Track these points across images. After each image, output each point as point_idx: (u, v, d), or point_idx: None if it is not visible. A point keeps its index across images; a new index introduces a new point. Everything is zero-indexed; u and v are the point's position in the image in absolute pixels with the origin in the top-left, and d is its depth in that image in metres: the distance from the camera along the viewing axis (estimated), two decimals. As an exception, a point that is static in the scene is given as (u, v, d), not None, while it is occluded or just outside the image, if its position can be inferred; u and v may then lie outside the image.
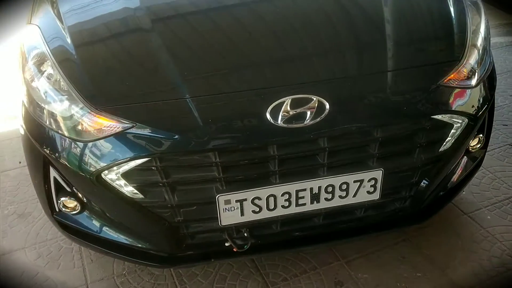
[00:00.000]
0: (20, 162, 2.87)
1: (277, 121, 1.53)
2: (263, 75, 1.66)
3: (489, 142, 2.09)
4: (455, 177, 1.96)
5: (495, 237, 2.19)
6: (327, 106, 1.55)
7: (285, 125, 1.53)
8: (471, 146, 1.95)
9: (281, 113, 1.53)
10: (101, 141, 1.55)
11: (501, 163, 2.61)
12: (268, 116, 1.52)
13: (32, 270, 2.16)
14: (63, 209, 1.78)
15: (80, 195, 1.74)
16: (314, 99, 1.54)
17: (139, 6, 1.78)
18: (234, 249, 1.73)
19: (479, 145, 1.98)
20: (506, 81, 3.29)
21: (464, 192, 2.42)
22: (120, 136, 1.53)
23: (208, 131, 1.53)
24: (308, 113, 1.54)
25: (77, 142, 1.58)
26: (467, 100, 1.73)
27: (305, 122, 1.54)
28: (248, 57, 1.68)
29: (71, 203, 1.76)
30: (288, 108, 1.53)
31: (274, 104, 1.53)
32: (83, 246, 1.95)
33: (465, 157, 1.98)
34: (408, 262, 2.11)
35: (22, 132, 1.81)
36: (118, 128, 1.52)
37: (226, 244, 1.74)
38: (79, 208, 1.77)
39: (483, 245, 2.17)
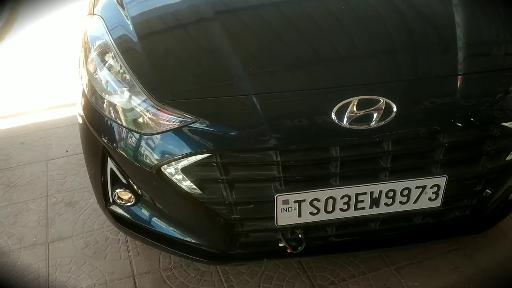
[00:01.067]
0: (67, 151, 2.91)
1: (342, 121, 1.49)
2: (330, 74, 1.63)
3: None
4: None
5: (552, 252, 2.11)
6: (395, 108, 1.50)
7: (350, 126, 1.49)
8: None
9: (347, 114, 1.49)
10: (163, 135, 1.54)
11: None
12: (333, 116, 1.49)
13: (80, 259, 2.18)
14: (118, 200, 1.77)
15: (135, 187, 1.74)
16: (382, 100, 1.50)
17: None
18: (288, 250, 1.70)
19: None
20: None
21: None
22: (182, 131, 1.52)
23: (271, 129, 1.50)
24: (375, 115, 1.49)
25: (138, 135, 1.57)
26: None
27: (371, 124, 1.50)
28: (315, 55, 1.65)
29: (125, 195, 1.76)
30: (355, 109, 1.49)
31: (340, 104, 1.49)
32: (135, 238, 1.96)
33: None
34: (461, 272, 2.05)
35: (80, 121, 1.81)
36: (180, 122, 1.51)
37: (280, 245, 1.71)
38: (134, 200, 1.76)
39: (540, 259, 2.09)
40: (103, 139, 1.66)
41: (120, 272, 2.11)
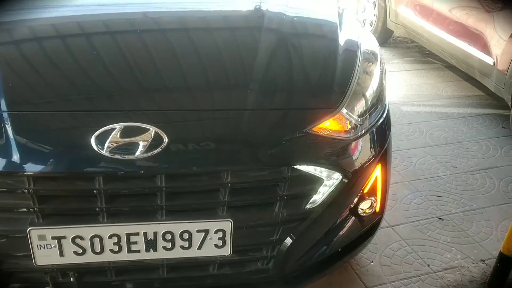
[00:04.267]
0: None
1: (103, 149, 1.33)
2: (96, 96, 1.48)
3: (385, 208, 1.86)
4: (336, 241, 1.71)
5: (392, 318, 1.93)
6: (165, 139, 1.35)
7: (111, 156, 1.33)
8: (361, 209, 1.72)
9: (108, 141, 1.33)
10: None
11: (422, 236, 2.37)
12: (93, 142, 1.33)
13: None
14: None
15: None
16: (151, 129, 1.35)
17: None
18: (55, 296, 1.49)
19: (371, 209, 1.74)
20: (453, 152, 3.10)
21: (372, 263, 2.18)
22: None
23: (22, 151, 1.33)
24: (141, 144, 1.34)
25: None
26: (343, 154, 1.53)
27: (136, 155, 1.34)
28: (85, 76, 1.51)
29: None
30: (118, 137, 1.34)
31: (101, 130, 1.34)
32: None
33: (351, 219, 1.74)
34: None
35: None
36: None
37: (47, 289, 1.50)
38: None
39: (377, 325, 1.90)
40: None
41: None
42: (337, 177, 1.51)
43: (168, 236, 1.43)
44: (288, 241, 1.55)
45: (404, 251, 2.27)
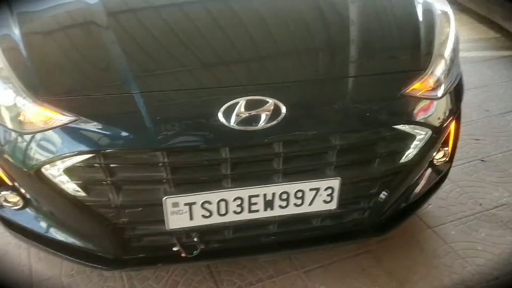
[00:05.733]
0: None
1: (230, 122, 1.45)
2: (218, 73, 1.59)
3: (454, 156, 2.04)
4: (417, 190, 1.90)
5: (457, 253, 2.14)
6: (283, 109, 1.48)
7: (238, 127, 1.46)
8: (435, 159, 1.90)
9: (234, 114, 1.45)
10: (43, 133, 1.46)
11: (470, 178, 2.56)
12: (220, 116, 1.45)
13: (-24, 266, 2.06)
14: (5, 203, 1.68)
15: (22, 190, 1.65)
16: (270, 101, 1.47)
17: None
18: (183, 255, 1.65)
19: (444, 158, 1.92)
20: (481, 95, 3.26)
21: (430, 205, 2.38)
22: (62, 130, 1.44)
23: (157, 129, 1.45)
24: (263, 116, 1.47)
25: (17, 134, 1.49)
26: (432, 111, 1.68)
27: (259, 125, 1.47)
28: (204, 54, 1.60)
29: (13, 198, 1.67)
30: (242, 110, 1.46)
31: (227, 104, 1.46)
32: (26, 243, 1.86)
33: (429, 169, 1.92)
34: (368, 275, 2.05)
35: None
36: (60, 121, 1.44)
37: (174, 249, 1.66)
38: (22, 203, 1.67)
39: (445, 260, 2.12)
40: None
41: (17, 280, 2.00)
42: (427, 133, 1.66)
43: (284, 196, 1.59)
44: (383, 193, 1.72)
45: (456, 193, 2.47)
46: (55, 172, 1.48)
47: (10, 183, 1.65)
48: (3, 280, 1.99)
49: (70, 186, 1.50)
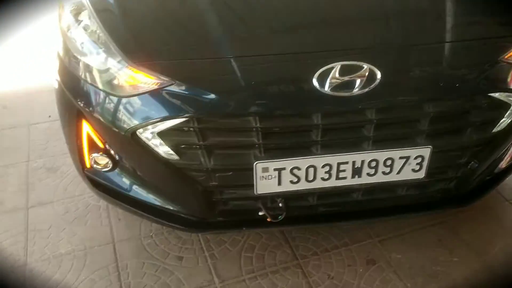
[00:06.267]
0: (49, 116, 2.85)
1: (324, 88, 1.43)
2: (313, 38, 1.56)
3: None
4: (503, 163, 1.84)
5: (537, 226, 2.09)
6: (379, 75, 1.44)
7: (332, 93, 1.43)
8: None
9: (329, 80, 1.43)
10: (138, 97, 1.48)
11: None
12: (315, 82, 1.43)
13: (60, 225, 2.15)
14: (95, 165, 1.73)
15: (112, 152, 1.69)
16: (365, 67, 1.44)
17: None
18: (268, 219, 1.67)
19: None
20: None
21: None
22: (158, 94, 1.46)
23: (250, 94, 1.45)
24: (358, 81, 1.44)
25: (113, 97, 1.52)
26: (528, 79, 1.60)
27: (354, 91, 1.44)
28: (298, 18, 1.58)
29: (102, 159, 1.71)
30: (337, 75, 1.43)
31: (322, 69, 1.43)
32: (112, 204, 1.92)
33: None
34: (445, 246, 2.03)
35: (56, 85, 1.75)
36: (156, 85, 1.45)
37: (260, 213, 1.67)
38: (111, 165, 1.72)
39: (525, 234, 2.07)
40: (78, 102, 1.60)
41: (100, 239, 2.08)
42: (521, 101, 1.60)
43: (373, 164, 1.57)
44: (472, 163, 1.68)
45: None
46: (149, 135, 1.50)
47: (101, 146, 1.69)
48: (89, 237, 2.07)
49: (163, 149, 1.52)
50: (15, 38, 3.70)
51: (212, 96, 1.45)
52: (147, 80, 1.46)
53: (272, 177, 1.55)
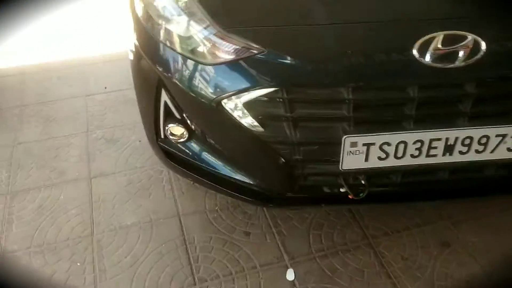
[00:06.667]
0: (106, 88, 2.82)
1: (425, 58, 1.35)
2: (413, 5, 1.46)
3: None
4: None
5: None
6: (483, 46, 1.35)
7: (433, 64, 1.35)
8: None
9: (430, 50, 1.34)
10: (226, 65, 1.42)
11: None
12: (415, 52, 1.34)
13: (124, 196, 2.13)
14: (170, 136, 1.68)
15: (189, 122, 1.64)
16: (470, 37, 1.35)
17: None
18: (350, 196, 1.60)
19: None
20: None
21: None
22: (247, 62, 1.40)
23: (345, 63, 1.37)
24: (461, 52, 1.35)
25: (198, 65, 1.46)
26: None
27: (456, 63, 1.35)
28: None
29: (178, 130, 1.67)
30: (439, 45, 1.34)
31: (423, 39, 1.34)
32: (185, 176, 1.88)
33: None
34: (524, 231, 1.94)
35: (132, 54, 1.70)
36: (246, 52, 1.39)
37: (341, 190, 1.61)
38: (186, 136, 1.67)
39: None
40: (158, 68, 1.55)
41: (165, 212, 2.05)
42: None
43: (467, 141, 1.48)
44: None
45: None
46: (234, 105, 1.45)
47: (177, 115, 1.64)
48: (154, 209, 2.05)
49: (247, 120, 1.46)
50: (64, 9, 3.68)
51: (305, 65, 1.38)
52: (236, 48, 1.39)
53: (360, 152, 1.48)
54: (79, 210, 2.06)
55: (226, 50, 1.41)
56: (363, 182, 1.59)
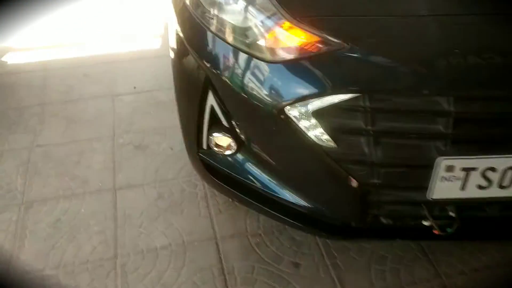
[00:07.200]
0: (135, 88, 2.56)
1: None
2: None
3: None
4: None
5: None
6: None
7: None
8: None
9: None
10: (294, 63, 1.14)
11: None
12: None
13: (153, 212, 1.85)
14: (215, 148, 1.40)
15: (238, 132, 1.36)
16: None
17: None
18: (435, 231, 1.30)
19: None
20: None
21: None
22: (322, 60, 1.12)
23: (447, 65, 1.08)
24: None
25: (258, 62, 1.17)
26: None
27: None
28: None
29: (224, 141, 1.39)
30: None
31: None
32: (227, 195, 1.60)
33: None
34: None
35: (173, 52, 1.44)
36: (322, 48, 1.10)
37: (424, 223, 1.30)
38: (234, 148, 1.39)
39: None
40: (207, 64, 1.27)
41: (200, 233, 1.77)
42: None
43: None
44: None
45: None
46: (301, 114, 1.16)
47: (226, 123, 1.35)
48: (187, 230, 1.76)
49: (315, 133, 1.18)
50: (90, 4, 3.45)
51: (396, 66, 1.09)
52: (309, 42, 1.11)
53: (456, 178, 1.18)
54: (101, 227, 1.79)
55: (295, 45, 1.12)
56: (452, 214, 1.29)
